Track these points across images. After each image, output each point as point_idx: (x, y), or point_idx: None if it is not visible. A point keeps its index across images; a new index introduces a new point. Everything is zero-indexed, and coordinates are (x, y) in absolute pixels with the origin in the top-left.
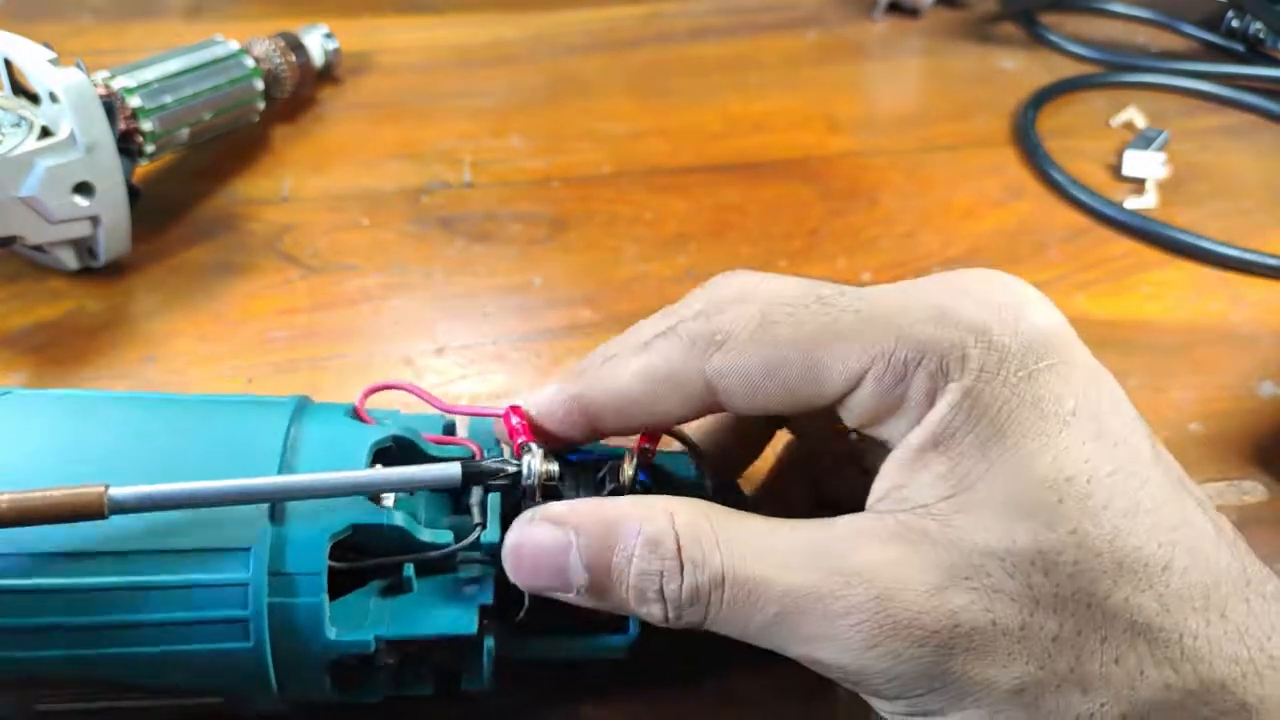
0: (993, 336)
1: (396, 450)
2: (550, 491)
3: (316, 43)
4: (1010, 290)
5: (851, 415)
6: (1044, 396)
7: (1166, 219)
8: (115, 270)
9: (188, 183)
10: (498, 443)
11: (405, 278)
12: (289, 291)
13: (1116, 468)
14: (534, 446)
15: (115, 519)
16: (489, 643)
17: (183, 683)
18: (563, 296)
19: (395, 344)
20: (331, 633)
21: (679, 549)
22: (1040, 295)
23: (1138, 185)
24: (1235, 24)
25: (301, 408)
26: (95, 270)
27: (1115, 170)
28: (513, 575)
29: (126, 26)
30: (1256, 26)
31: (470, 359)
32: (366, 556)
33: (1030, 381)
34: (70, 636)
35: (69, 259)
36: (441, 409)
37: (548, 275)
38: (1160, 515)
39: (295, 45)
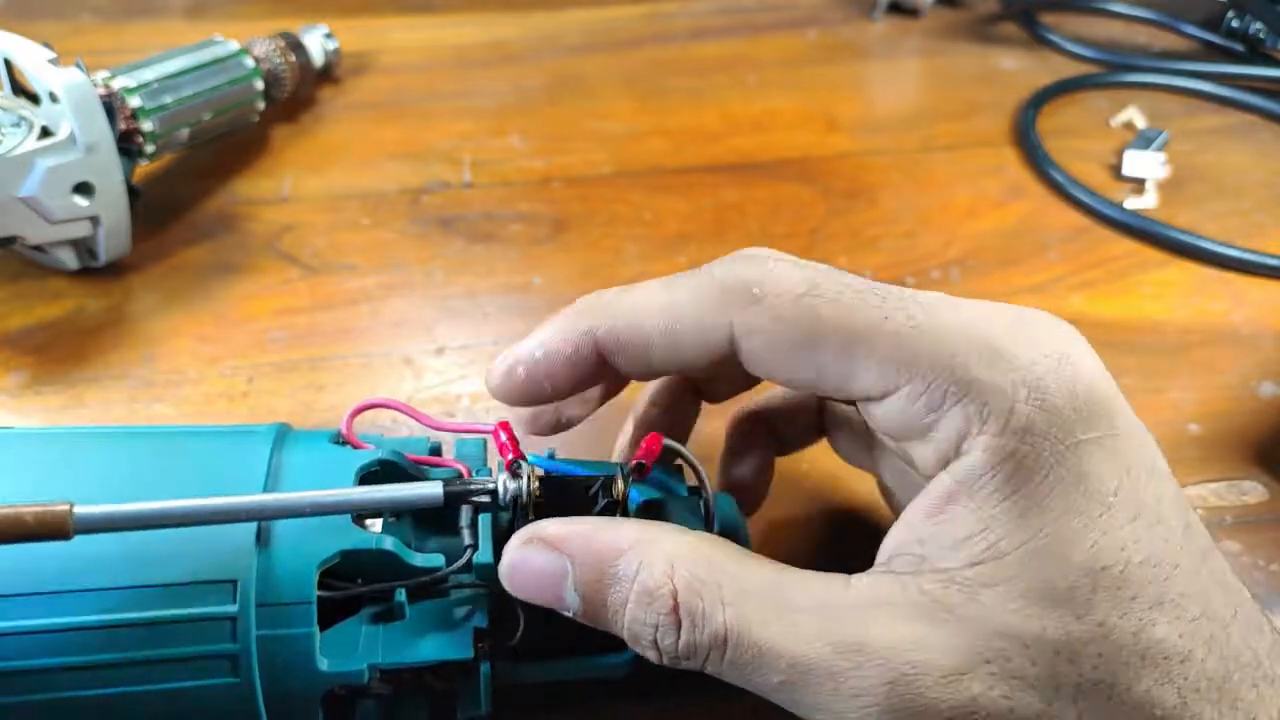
0: (1046, 395)
1: (383, 475)
2: (541, 510)
3: (316, 43)
4: (1069, 341)
5: (871, 419)
6: (1089, 474)
7: (1166, 219)
8: (115, 270)
9: (188, 183)
10: (485, 463)
11: (405, 278)
12: (289, 291)
13: (1149, 555)
14: (523, 464)
15: (94, 551)
16: (485, 668)
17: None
18: (563, 296)
19: (395, 344)
20: (323, 664)
21: (675, 605)
22: (1091, 350)
23: (1138, 185)
24: (1235, 24)
25: (283, 435)
26: (95, 270)
27: (1115, 170)
28: (515, 589)
29: (126, 26)
30: (1256, 26)
31: (470, 359)
32: (356, 583)
33: (1077, 454)
34: (51, 679)
35: (69, 259)
36: (430, 426)
37: (548, 275)
38: (1184, 606)
39: (295, 45)
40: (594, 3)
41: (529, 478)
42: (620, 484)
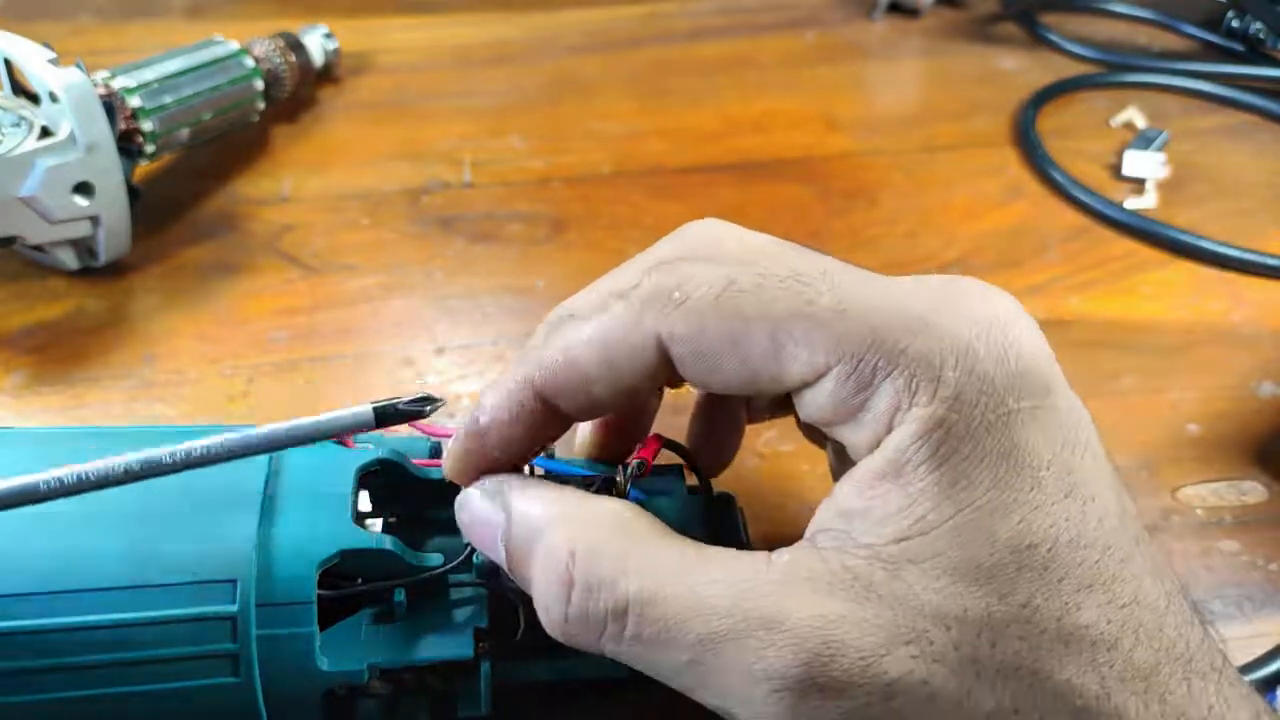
0: (976, 362)
1: (383, 473)
2: None
3: (316, 43)
4: (1001, 308)
5: (806, 410)
6: (1020, 445)
7: (1166, 219)
8: (115, 270)
9: (188, 183)
10: None
11: (405, 278)
12: (289, 291)
13: (1078, 535)
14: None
15: (93, 550)
16: (485, 668)
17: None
18: (563, 297)
19: (395, 344)
20: (323, 663)
21: (570, 566)
22: (1030, 319)
23: (1138, 185)
24: (1235, 24)
25: None
26: (95, 270)
27: (1115, 170)
28: (461, 527)
29: (126, 26)
30: (1256, 26)
31: (470, 359)
32: (356, 583)
33: (1008, 425)
34: (51, 678)
35: (69, 259)
36: (429, 433)
37: (548, 275)
38: (1114, 590)
39: (295, 45)
40: (594, 3)
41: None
42: (621, 482)
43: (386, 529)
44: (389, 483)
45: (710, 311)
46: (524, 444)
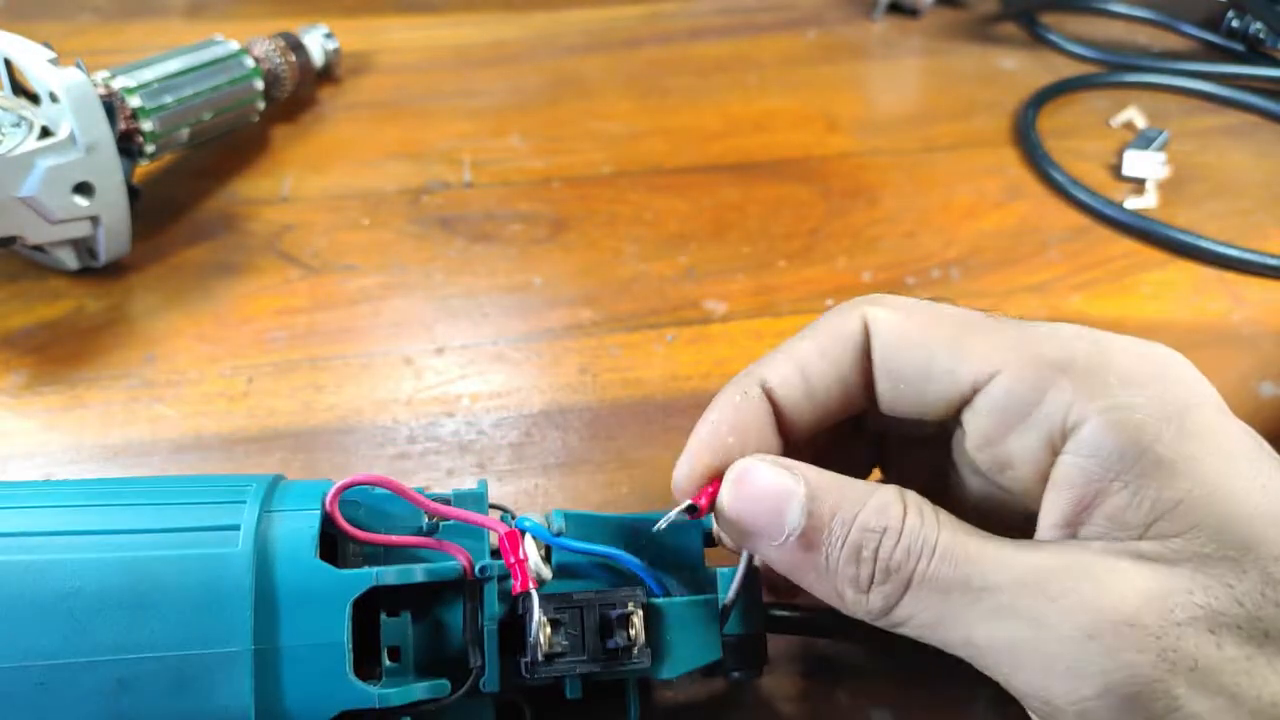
0: (1146, 359)
1: (379, 596)
2: (551, 656)
3: (316, 43)
4: (1160, 348)
5: (977, 420)
6: (1214, 426)
7: (1166, 219)
8: (115, 270)
9: (188, 183)
10: (492, 554)
11: (405, 278)
12: (289, 291)
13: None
14: (533, 599)
15: None
16: None
17: None
18: (563, 296)
19: (395, 344)
20: None
21: (905, 513)
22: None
23: (1138, 185)
24: (1235, 24)
25: (265, 517)
26: (95, 270)
27: (1115, 170)
28: (728, 503)
29: (126, 26)
30: (1256, 26)
31: (470, 359)
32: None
33: (1190, 411)
34: None
35: (69, 259)
36: (425, 509)
37: (548, 275)
38: None
39: (295, 45)
40: (594, 3)
41: (540, 625)
42: (637, 620)
43: (386, 632)
44: (387, 599)
45: (912, 307)
46: (753, 439)
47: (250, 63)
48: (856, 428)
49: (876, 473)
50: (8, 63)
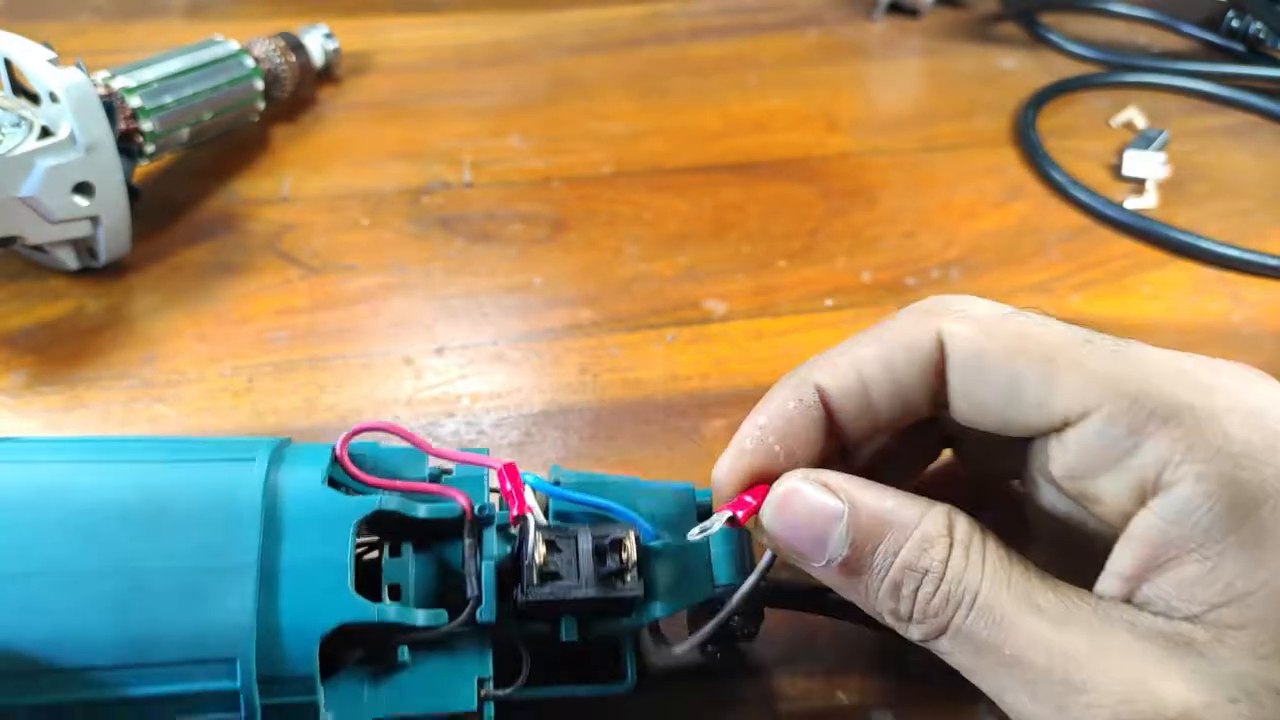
0: (1263, 418)
1: (383, 519)
2: (546, 575)
3: (316, 43)
4: (1264, 377)
5: (1064, 454)
6: None
7: (1166, 219)
8: (115, 270)
9: (188, 183)
10: (489, 494)
11: (405, 278)
12: (289, 291)
13: None
14: (529, 520)
15: (86, 630)
16: (489, 710)
17: None
18: (563, 296)
19: (395, 344)
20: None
21: (950, 553)
22: None
23: (1138, 185)
24: (1235, 24)
25: (277, 458)
26: (95, 270)
27: (1115, 170)
28: (769, 523)
29: (126, 26)
30: (1256, 26)
31: (470, 359)
32: (357, 651)
33: None
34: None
35: (69, 259)
36: (429, 452)
37: (548, 275)
38: None
39: (295, 45)
40: (594, 3)
41: (535, 542)
42: (630, 545)
43: (386, 573)
44: (388, 526)
45: (995, 324)
46: (799, 444)
47: (250, 63)
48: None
49: (948, 452)
50: (8, 63)
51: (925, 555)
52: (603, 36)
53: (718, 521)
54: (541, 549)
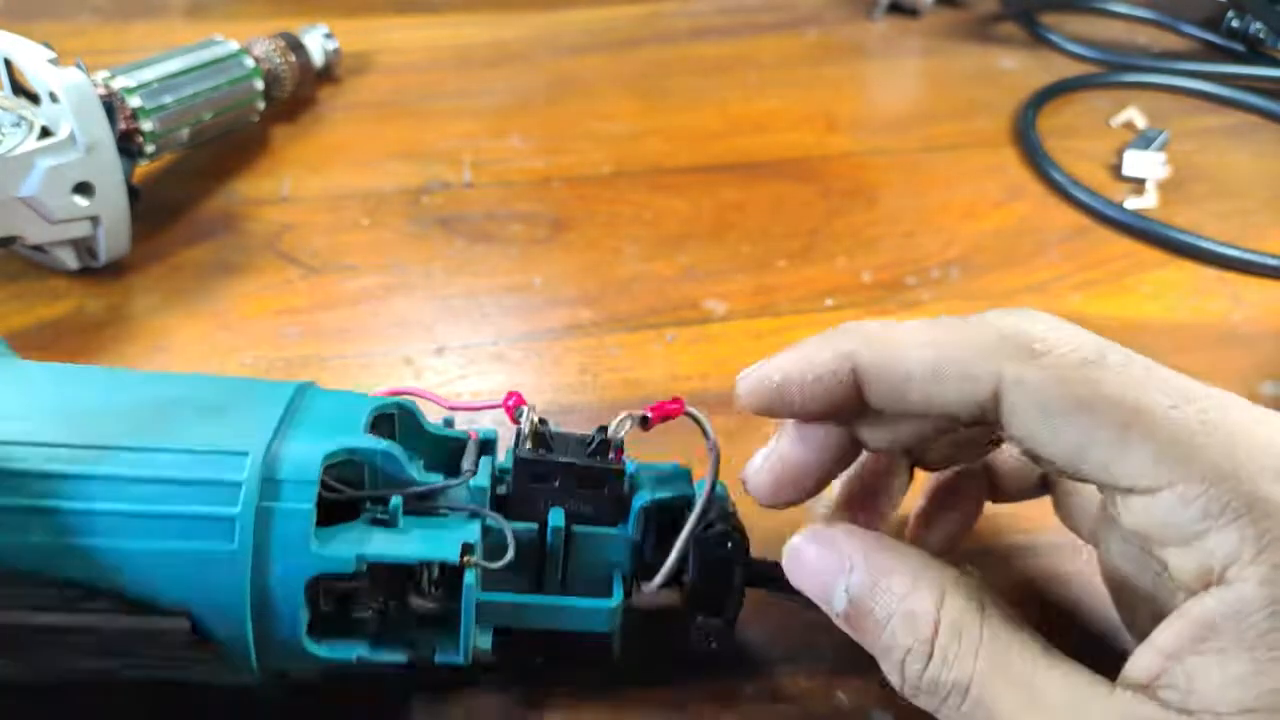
0: None
1: (399, 417)
2: (540, 439)
3: (316, 43)
4: None
5: (1126, 511)
6: None
7: (1166, 219)
8: (115, 270)
9: (188, 183)
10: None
11: (405, 278)
12: (289, 291)
13: None
14: (525, 409)
15: (105, 415)
16: (469, 576)
17: (155, 589)
18: (563, 296)
19: (395, 344)
20: (314, 545)
21: (934, 635)
22: None
23: (1138, 185)
24: (1235, 24)
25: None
26: (95, 270)
27: (1115, 170)
28: (787, 572)
29: (126, 26)
30: (1256, 26)
31: (470, 359)
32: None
33: None
34: (50, 519)
35: (69, 259)
36: (445, 406)
37: (548, 275)
38: None
39: (295, 45)
40: (594, 3)
41: (529, 414)
42: (615, 437)
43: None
44: (403, 429)
45: (1070, 374)
46: (817, 405)
47: (250, 63)
48: None
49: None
50: (8, 63)
51: (910, 632)
52: (603, 36)
53: (630, 420)
54: (534, 418)
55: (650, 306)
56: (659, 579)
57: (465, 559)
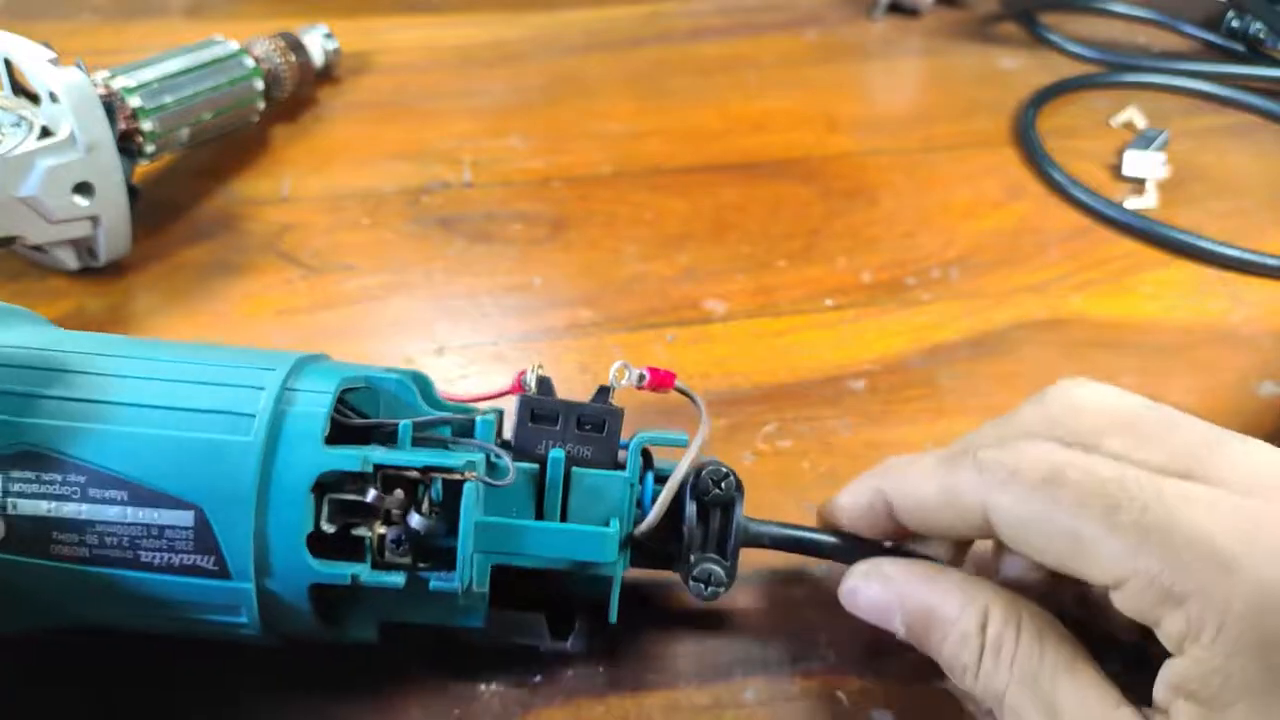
0: (1264, 613)
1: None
2: (544, 387)
3: (316, 43)
4: None
5: (1118, 601)
6: None
7: (1166, 219)
8: (115, 270)
9: (188, 183)
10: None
11: (405, 278)
12: (289, 291)
13: None
14: (531, 368)
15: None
16: (469, 489)
17: (170, 480)
18: (563, 296)
19: (395, 344)
20: (324, 446)
21: (981, 653)
22: None
23: (1138, 185)
24: (1235, 24)
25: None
26: (95, 270)
27: (1115, 170)
28: (847, 608)
29: (126, 26)
30: (1256, 26)
31: (470, 359)
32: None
33: None
34: (65, 407)
35: (69, 259)
36: (448, 398)
37: (548, 275)
38: None
39: (295, 45)
40: (594, 3)
41: (534, 369)
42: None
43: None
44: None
45: (1031, 498)
46: (870, 532)
47: (250, 63)
48: None
49: None
50: (8, 63)
51: (964, 651)
52: (603, 36)
53: (628, 370)
54: (539, 371)
55: (650, 306)
56: (655, 511)
57: (466, 473)
